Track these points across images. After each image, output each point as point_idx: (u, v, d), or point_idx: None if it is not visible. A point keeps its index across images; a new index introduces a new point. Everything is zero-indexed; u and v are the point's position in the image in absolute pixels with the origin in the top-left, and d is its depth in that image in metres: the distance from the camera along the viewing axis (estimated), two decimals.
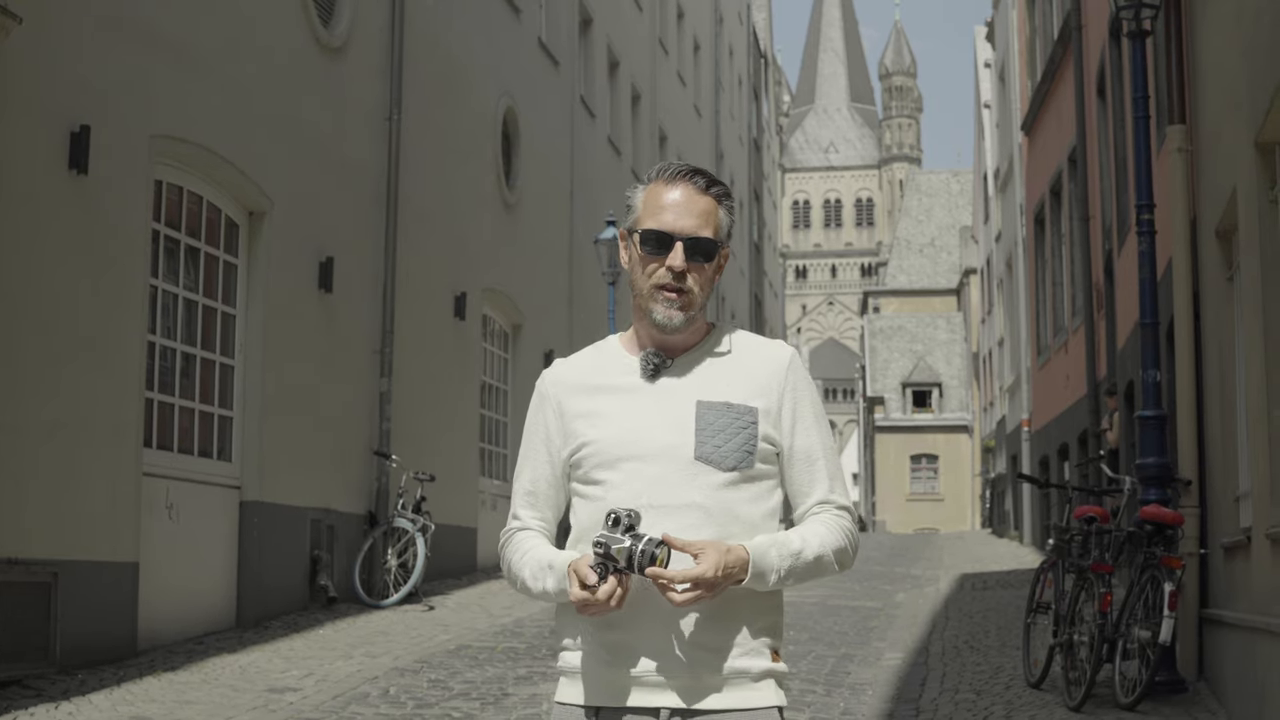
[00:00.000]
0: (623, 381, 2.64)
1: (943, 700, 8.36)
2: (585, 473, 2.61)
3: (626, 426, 2.58)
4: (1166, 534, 8.42)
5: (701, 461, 2.55)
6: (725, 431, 2.57)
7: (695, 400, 2.59)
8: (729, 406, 2.59)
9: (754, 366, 2.64)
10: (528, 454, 2.71)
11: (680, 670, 2.51)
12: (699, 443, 2.56)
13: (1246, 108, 7.23)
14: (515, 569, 2.65)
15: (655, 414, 2.58)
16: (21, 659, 8.36)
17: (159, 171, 10.30)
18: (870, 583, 16.07)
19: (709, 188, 2.62)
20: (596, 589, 2.43)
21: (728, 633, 2.53)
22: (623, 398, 2.62)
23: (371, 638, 10.70)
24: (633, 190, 2.67)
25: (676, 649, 2.51)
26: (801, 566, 2.55)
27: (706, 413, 2.58)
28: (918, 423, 64.93)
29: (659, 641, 2.51)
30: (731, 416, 2.58)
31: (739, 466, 2.56)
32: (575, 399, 2.65)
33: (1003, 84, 30.63)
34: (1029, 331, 25.14)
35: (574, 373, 2.69)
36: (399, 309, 14.32)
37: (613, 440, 2.58)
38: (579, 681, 2.58)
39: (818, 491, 2.64)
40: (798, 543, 2.56)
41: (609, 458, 2.58)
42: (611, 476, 2.57)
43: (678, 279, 2.57)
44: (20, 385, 8.54)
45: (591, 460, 2.60)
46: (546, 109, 20.35)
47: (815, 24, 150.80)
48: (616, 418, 2.60)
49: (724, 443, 2.56)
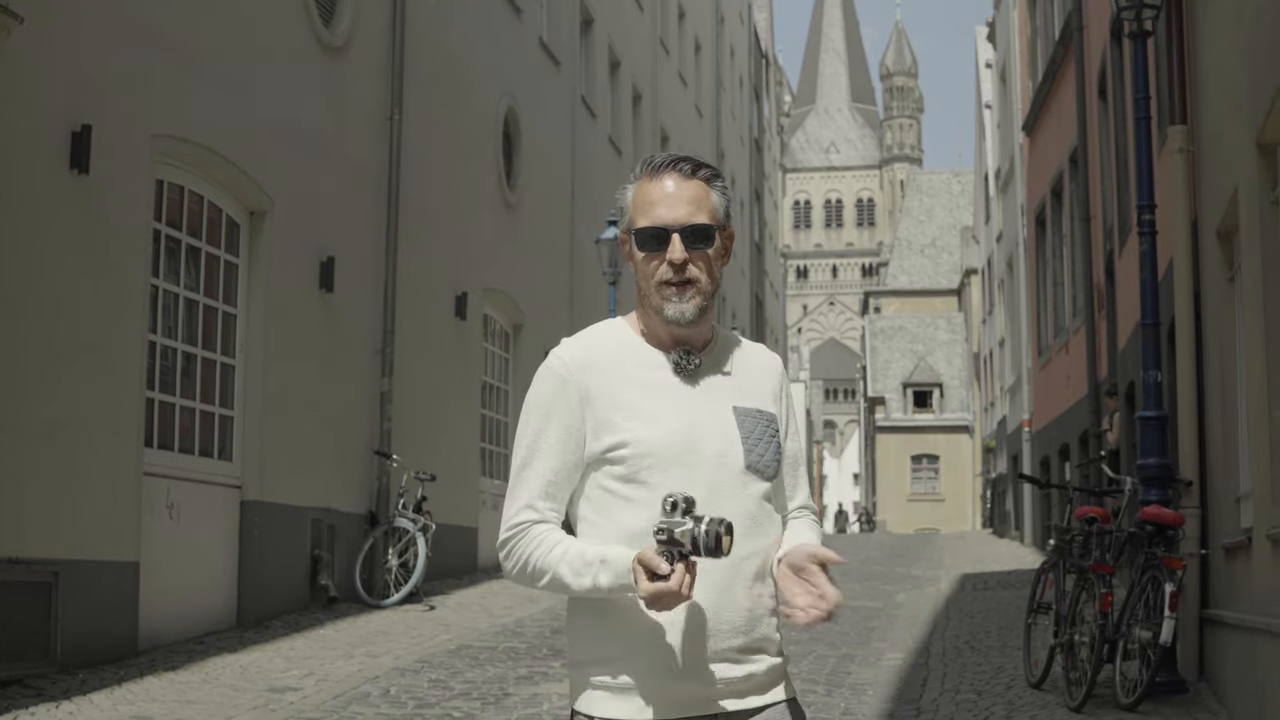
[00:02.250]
0: (655, 377, 2.55)
1: (943, 700, 8.36)
2: (630, 473, 2.49)
3: (676, 428, 2.50)
4: (1167, 534, 8.41)
5: (751, 471, 2.54)
6: (763, 440, 2.56)
7: (731, 406, 2.56)
8: (760, 413, 2.58)
9: (759, 373, 2.64)
10: (544, 441, 2.54)
11: (729, 671, 2.50)
12: (746, 450, 2.53)
13: (1247, 108, 7.23)
14: (541, 565, 2.50)
15: (704, 418, 2.53)
16: (22, 658, 8.37)
17: (160, 171, 10.30)
18: (871, 583, 16.07)
19: (695, 172, 2.56)
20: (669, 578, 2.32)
21: (760, 630, 2.53)
22: (662, 395, 2.53)
23: (372, 637, 10.70)
24: (622, 191, 2.61)
25: (723, 648, 2.49)
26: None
27: (745, 420, 2.56)
28: (918, 423, 64.92)
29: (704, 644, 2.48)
30: (763, 424, 2.57)
31: (774, 476, 2.59)
32: (604, 386, 2.52)
33: (1004, 84, 30.62)
34: (1030, 332, 25.13)
35: (597, 356, 2.56)
36: (400, 309, 14.32)
37: (662, 442, 2.49)
38: (625, 695, 2.48)
39: (800, 496, 2.71)
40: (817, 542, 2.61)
41: (660, 460, 2.48)
42: (663, 480, 2.47)
43: (680, 270, 2.51)
44: (21, 385, 8.55)
45: (640, 460, 2.49)
46: (548, 109, 20.35)
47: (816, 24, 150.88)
48: (662, 417, 2.50)
49: (764, 451, 2.56)
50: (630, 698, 2.47)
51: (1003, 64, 30.69)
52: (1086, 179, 17.20)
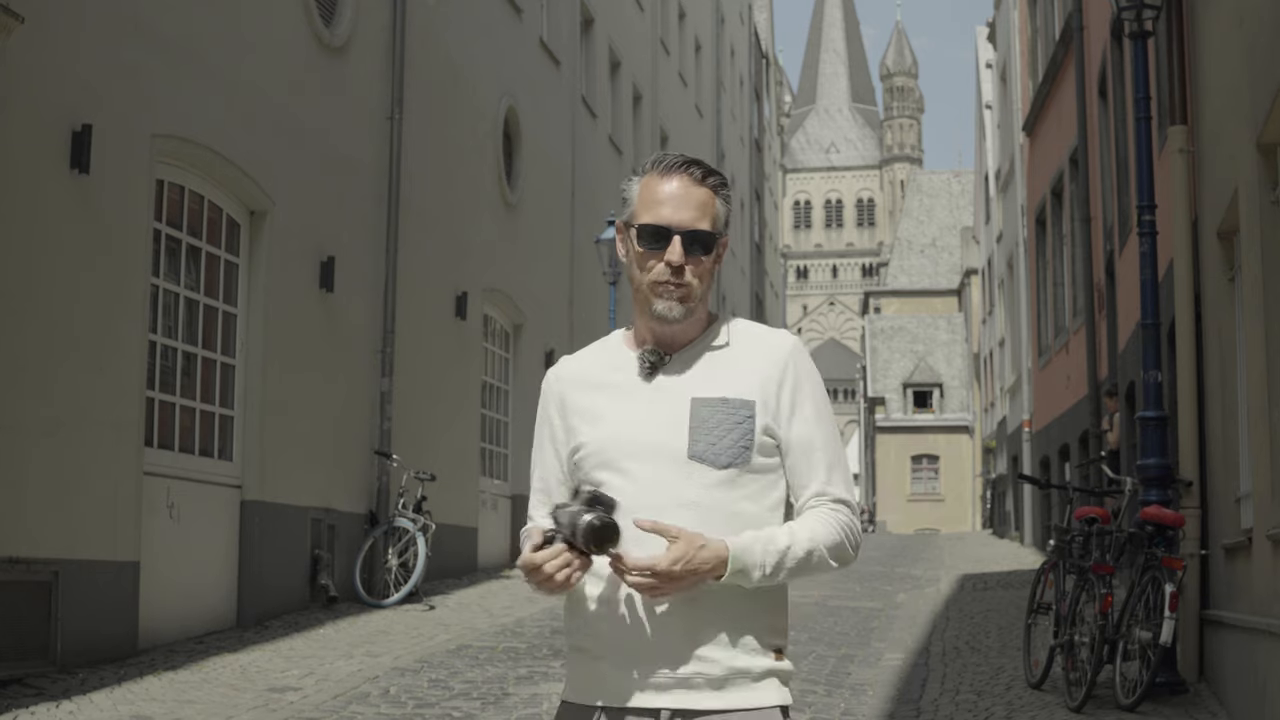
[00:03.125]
0: (620, 379, 2.60)
1: (943, 701, 8.36)
2: (585, 473, 2.57)
3: (621, 426, 2.55)
4: (1167, 535, 8.41)
5: (695, 460, 2.51)
6: (720, 428, 2.52)
7: (690, 397, 2.55)
8: (724, 402, 2.54)
9: (754, 358, 2.59)
10: (537, 452, 2.70)
11: (681, 670, 2.47)
12: (692, 441, 2.52)
13: (1248, 108, 7.23)
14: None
15: (649, 413, 2.55)
16: (22, 658, 8.37)
17: (160, 171, 10.30)
18: (871, 583, 16.07)
19: (705, 178, 2.58)
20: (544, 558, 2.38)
21: (728, 632, 2.49)
22: (619, 396, 2.59)
23: (372, 637, 10.70)
24: (628, 183, 2.63)
25: (677, 648, 2.47)
26: (791, 563, 2.47)
27: (701, 409, 2.54)
28: (918, 423, 64.93)
29: (658, 640, 2.47)
30: (727, 412, 2.53)
31: (734, 463, 2.51)
32: (575, 396, 2.62)
33: (1004, 84, 30.63)
34: (1030, 332, 25.13)
35: (576, 369, 2.66)
36: (400, 308, 14.32)
37: (608, 440, 2.55)
38: (581, 680, 2.55)
39: (814, 484, 2.56)
40: (785, 539, 2.48)
41: (605, 458, 2.54)
42: (609, 477, 2.52)
43: (676, 273, 2.53)
44: (21, 384, 8.55)
45: (590, 460, 2.56)
46: (548, 109, 20.36)
47: (816, 24, 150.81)
48: (612, 417, 2.57)
49: (719, 439, 2.52)
50: (579, 682, 2.56)
51: (1003, 64, 30.70)
52: (1087, 179, 17.20)
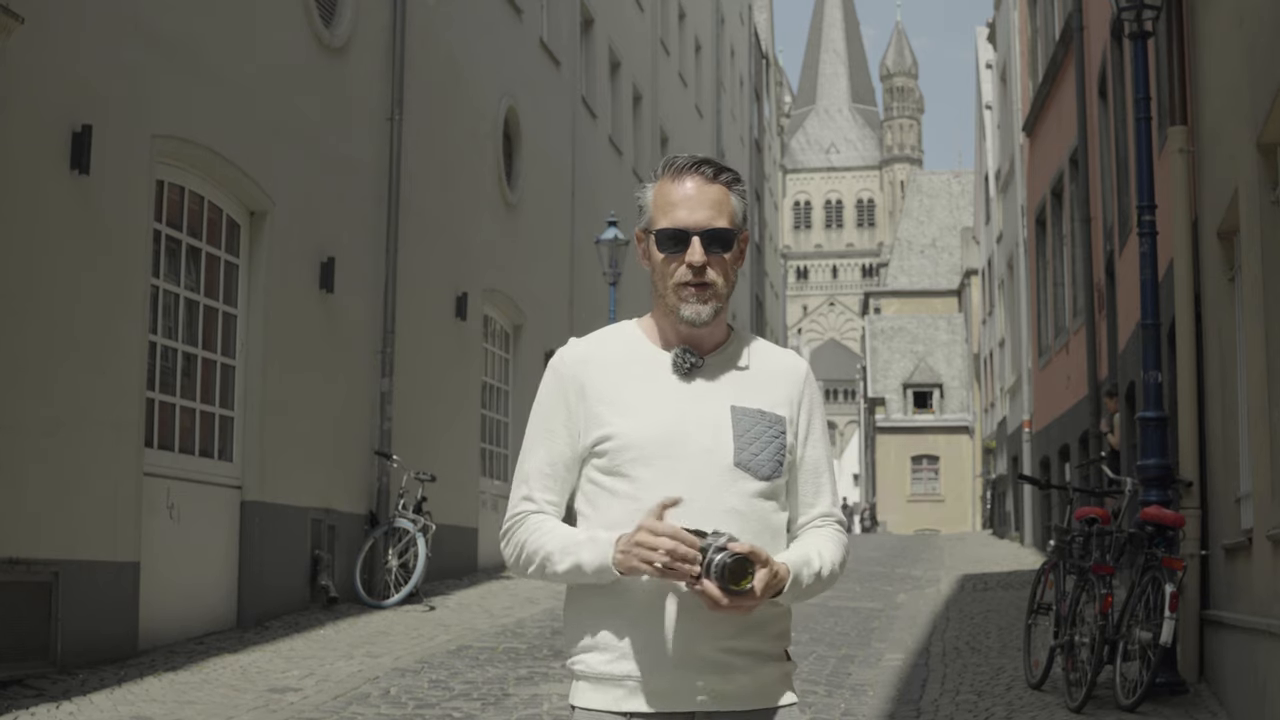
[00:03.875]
0: (652, 373, 2.59)
1: (943, 701, 8.36)
2: (614, 465, 2.54)
3: (661, 422, 2.53)
4: (1167, 535, 8.41)
5: (740, 468, 2.54)
6: (760, 439, 2.56)
7: (729, 405, 2.57)
8: (762, 414, 2.58)
9: (776, 376, 2.64)
10: (543, 433, 2.61)
11: (711, 672, 2.50)
12: (738, 449, 2.54)
13: (1248, 108, 7.23)
14: (533, 549, 2.55)
15: (692, 414, 2.55)
16: (22, 658, 8.37)
17: (160, 171, 10.30)
18: (871, 584, 16.07)
19: (717, 176, 2.59)
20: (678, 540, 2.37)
21: (753, 635, 2.53)
22: (654, 391, 2.57)
23: (372, 638, 10.70)
24: (641, 190, 2.64)
25: (707, 651, 2.49)
26: (818, 584, 2.58)
27: (742, 419, 2.56)
28: (918, 424, 64.91)
29: (690, 644, 2.48)
30: (765, 425, 2.57)
31: (772, 476, 2.56)
32: (599, 382, 2.58)
33: (1004, 85, 30.62)
34: (1030, 332, 25.13)
35: (598, 353, 2.62)
36: (400, 309, 14.32)
37: (646, 435, 2.52)
38: (605, 686, 2.52)
39: (821, 504, 2.66)
40: (817, 562, 2.56)
41: (643, 453, 2.52)
42: (645, 474, 2.51)
43: (699, 273, 2.54)
44: (21, 384, 8.55)
45: (623, 453, 2.53)
46: (548, 109, 20.36)
47: (816, 25, 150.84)
48: (648, 411, 2.54)
49: (759, 451, 2.55)
50: (608, 689, 2.52)
51: (1003, 64, 30.70)
52: (1086, 179, 17.20)
